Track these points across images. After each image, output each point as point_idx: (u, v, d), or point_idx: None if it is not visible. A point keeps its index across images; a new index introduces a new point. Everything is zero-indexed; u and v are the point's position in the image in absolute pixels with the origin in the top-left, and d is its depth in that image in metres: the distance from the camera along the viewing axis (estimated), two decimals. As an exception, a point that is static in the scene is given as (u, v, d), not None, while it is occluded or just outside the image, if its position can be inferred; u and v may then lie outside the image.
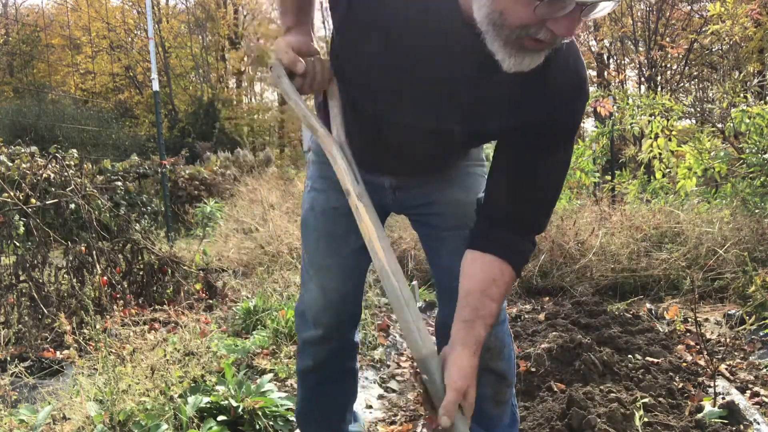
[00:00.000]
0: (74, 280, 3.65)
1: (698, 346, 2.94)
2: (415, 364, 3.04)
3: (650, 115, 6.01)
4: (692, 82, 16.75)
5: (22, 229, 4.00)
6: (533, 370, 2.56)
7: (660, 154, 5.98)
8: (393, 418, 2.43)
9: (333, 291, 1.57)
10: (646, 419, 1.92)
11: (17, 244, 3.92)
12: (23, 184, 4.36)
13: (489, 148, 1.59)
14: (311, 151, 1.61)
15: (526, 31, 1.03)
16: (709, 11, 6.58)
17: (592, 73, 22.34)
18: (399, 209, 1.61)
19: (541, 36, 1.04)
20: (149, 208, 8.13)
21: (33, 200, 4.05)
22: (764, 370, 2.68)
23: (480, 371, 1.44)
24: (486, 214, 1.34)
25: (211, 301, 4.16)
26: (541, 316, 3.58)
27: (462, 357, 1.20)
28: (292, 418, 2.12)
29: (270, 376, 2.40)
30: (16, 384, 2.44)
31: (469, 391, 1.19)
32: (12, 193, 3.93)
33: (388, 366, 3.01)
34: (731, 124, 5.65)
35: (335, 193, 1.46)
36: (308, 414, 1.77)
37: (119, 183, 7.59)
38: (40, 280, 3.51)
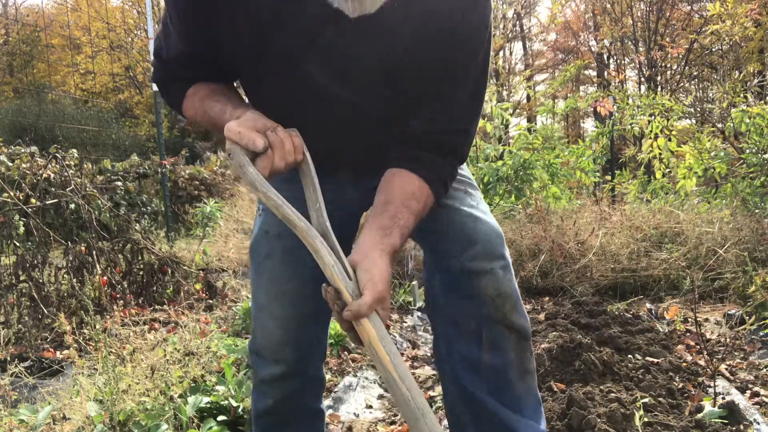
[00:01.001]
0: (74, 280, 3.65)
1: (698, 346, 2.94)
2: (416, 364, 3.03)
3: (650, 115, 6.01)
4: (692, 82, 16.76)
5: (22, 229, 4.00)
6: (533, 370, 2.56)
7: (660, 154, 5.99)
8: (393, 418, 2.43)
9: (290, 319, 1.43)
10: (646, 419, 1.92)
11: (17, 244, 3.92)
12: (23, 184, 4.36)
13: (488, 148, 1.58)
14: None
15: None
16: (709, 11, 6.58)
17: (592, 73, 22.37)
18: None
19: None
20: (149, 208, 8.14)
21: (33, 200, 4.06)
22: (764, 370, 2.68)
23: (498, 329, 1.32)
24: (405, 139, 1.28)
25: (211, 301, 4.16)
26: (541, 316, 3.58)
27: (380, 260, 1.10)
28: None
29: (270, 376, 2.40)
30: (16, 384, 2.44)
31: (387, 297, 1.10)
32: (12, 193, 3.93)
33: (388, 366, 3.01)
34: (731, 124, 5.66)
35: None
36: None
37: (119, 183, 7.59)
38: (40, 280, 3.51)
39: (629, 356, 2.74)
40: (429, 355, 3.23)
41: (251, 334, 1.52)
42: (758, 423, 2.06)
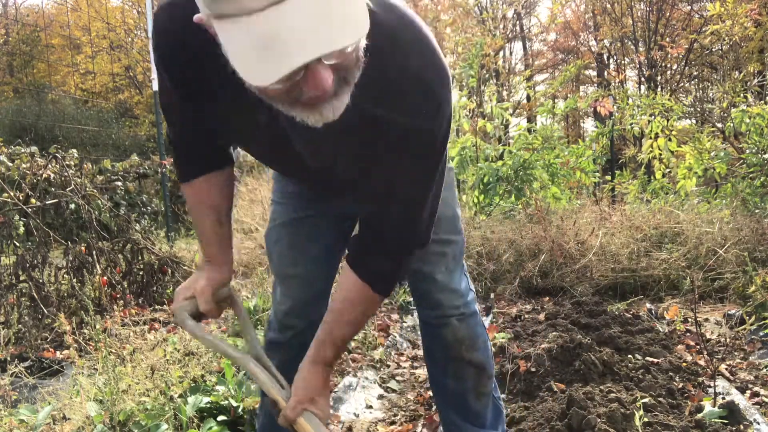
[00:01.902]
0: (74, 280, 3.65)
1: (698, 346, 2.94)
2: (416, 364, 3.04)
3: (650, 115, 6.01)
4: (692, 82, 16.76)
5: (22, 229, 4.00)
6: (533, 370, 2.56)
7: (660, 154, 5.99)
8: (393, 418, 2.43)
9: (299, 298, 1.61)
10: (646, 419, 1.92)
11: (17, 244, 3.92)
12: (23, 184, 4.36)
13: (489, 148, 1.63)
14: None
15: (293, 96, 0.97)
16: (709, 11, 6.58)
17: (592, 73, 22.35)
18: None
19: (310, 95, 0.96)
20: (149, 208, 8.12)
21: (33, 200, 4.06)
22: (764, 370, 2.68)
23: (458, 364, 1.66)
24: (359, 233, 1.38)
25: (211, 301, 4.16)
26: (541, 316, 3.58)
27: (308, 370, 1.35)
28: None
29: (270, 376, 2.40)
30: (16, 384, 2.44)
31: (317, 400, 1.33)
32: (12, 193, 3.93)
33: (388, 366, 3.01)
34: (731, 124, 5.66)
35: (294, 204, 1.57)
36: None
37: (119, 183, 7.58)
38: (40, 280, 3.51)
39: (629, 356, 2.74)
40: (429, 355, 3.23)
41: (272, 303, 1.72)
42: (758, 423, 2.06)
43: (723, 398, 2.27)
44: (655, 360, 2.69)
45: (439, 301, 1.62)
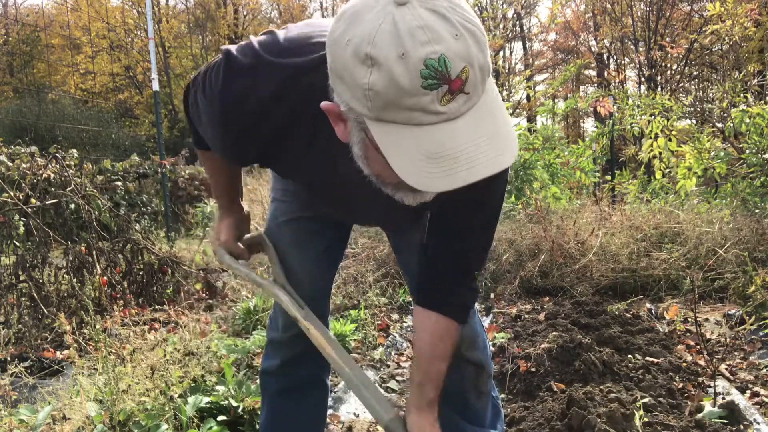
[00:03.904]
0: (74, 280, 3.65)
1: (698, 346, 2.94)
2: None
3: (650, 115, 6.01)
4: (692, 82, 16.76)
5: (22, 229, 4.00)
6: (533, 370, 2.56)
7: (660, 154, 5.98)
8: (393, 418, 2.43)
9: (301, 296, 1.60)
10: (646, 419, 1.92)
11: (17, 244, 3.92)
12: (23, 184, 4.35)
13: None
14: None
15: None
16: (709, 11, 6.58)
17: (592, 72, 22.36)
18: None
19: None
20: (149, 208, 8.12)
21: (33, 200, 4.05)
22: (764, 370, 2.68)
23: (458, 363, 1.61)
24: (428, 271, 1.41)
25: (211, 301, 4.16)
26: (541, 316, 3.58)
27: (418, 418, 1.38)
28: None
29: (270, 376, 2.40)
30: (16, 384, 2.44)
31: None
32: (12, 193, 3.93)
33: (388, 366, 3.01)
34: (731, 124, 5.65)
35: (297, 202, 1.57)
36: None
37: (119, 183, 7.57)
38: (40, 280, 3.51)
39: (629, 356, 2.74)
40: (429, 355, 3.23)
41: (273, 304, 1.74)
42: (758, 423, 2.06)
43: (723, 398, 2.27)
44: (655, 360, 2.69)
45: None
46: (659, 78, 17.50)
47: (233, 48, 1.20)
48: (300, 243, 1.59)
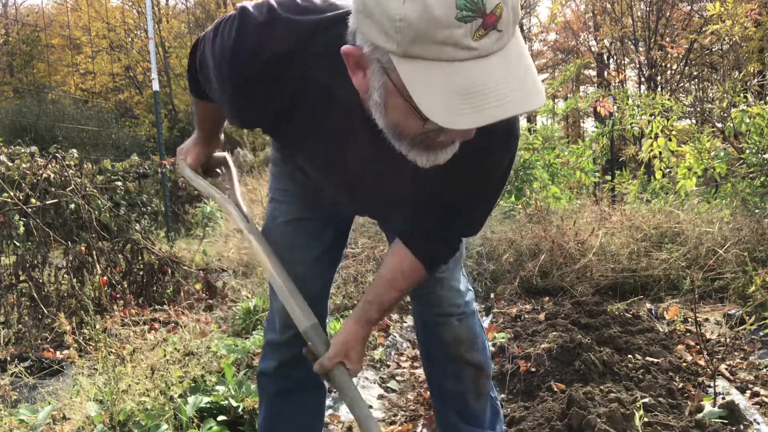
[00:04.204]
0: (74, 280, 3.65)
1: (698, 346, 2.94)
2: (414, 365, 3.04)
3: (650, 115, 6.00)
4: (692, 82, 16.76)
5: (22, 229, 4.00)
6: (533, 370, 2.56)
7: (660, 154, 5.98)
8: (393, 418, 2.43)
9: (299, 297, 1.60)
10: (646, 419, 1.92)
11: (17, 244, 3.92)
12: (23, 184, 4.35)
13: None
14: (270, 163, 1.68)
15: (425, 136, 1.03)
16: (709, 11, 6.58)
17: (592, 72, 22.35)
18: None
19: (441, 138, 1.04)
20: (149, 208, 8.12)
21: (33, 200, 4.05)
22: (764, 370, 2.68)
23: (457, 365, 1.67)
24: (416, 217, 1.40)
25: (211, 301, 4.16)
26: (541, 316, 3.58)
27: (349, 326, 1.43)
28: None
29: (270, 376, 2.40)
30: (16, 384, 2.44)
31: (349, 354, 1.41)
32: (12, 193, 3.93)
33: (388, 366, 3.01)
34: (731, 124, 5.65)
35: (296, 204, 1.57)
36: None
37: (119, 183, 7.57)
38: (40, 280, 3.51)
39: (629, 356, 2.73)
40: (429, 355, 3.23)
41: (270, 305, 1.75)
42: (758, 423, 2.06)
43: (723, 398, 2.27)
44: (655, 360, 2.69)
45: (440, 299, 1.63)
46: (659, 78, 17.50)
47: (249, 4, 1.18)
48: (300, 244, 1.58)
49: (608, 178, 8.29)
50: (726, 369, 2.71)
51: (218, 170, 1.76)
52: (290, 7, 1.14)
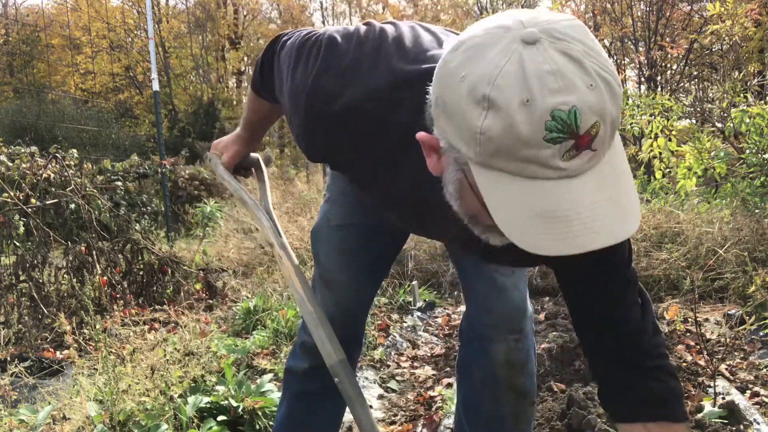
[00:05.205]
0: (74, 280, 3.65)
1: (698, 346, 2.94)
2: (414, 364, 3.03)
3: (650, 115, 6.00)
4: (692, 82, 16.76)
5: (22, 229, 4.00)
6: (533, 370, 2.56)
7: (660, 154, 5.98)
8: (393, 418, 2.43)
9: (345, 305, 1.54)
10: (646, 419, 1.91)
11: (17, 244, 3.92)
12: (23, 184, 4.35)
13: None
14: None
15: None
16: (709, 11, 6.58)
17: (592, 73, 22.31)
18: None
19: None
20: (149, 208, 8.11)
21: (33, 200, 4.05)
22: (764, 370, 2.68)
23: (498, 387, 1.50)
24: (600, 370, 1.18)
25: (211, 301, 4.16)
26: (541, 316, 3.58)
27: None
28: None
29: (270, 376, 2.40)
30: (16, 384, 2.44)
31: None
32: (12, 193, 3.93)
33: (388, 366, 3.01)
34: (731, 124, 5.65)
35: (352, 208, 1.47)
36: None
37: (119, 183, 7.57)
38: (40, 280, 3.51)
39: (629, 356, 2.73)
40: (429, 355, 3.24)
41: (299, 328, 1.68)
42: (758, 423, 2.06)
43: (723, 398, 2.27)
44: (655, 360, 2.69)
45: (497, 311, 1.48)
46: (659, 78, 17.50)
47: (338, 33, 1.10)
48: (346, 251, 1.50)
49: (608, 178, 8.27)
50: (726, 369, 2.71)
51: (247, 171, 1.69)
52: (377, 46, 1.07)
